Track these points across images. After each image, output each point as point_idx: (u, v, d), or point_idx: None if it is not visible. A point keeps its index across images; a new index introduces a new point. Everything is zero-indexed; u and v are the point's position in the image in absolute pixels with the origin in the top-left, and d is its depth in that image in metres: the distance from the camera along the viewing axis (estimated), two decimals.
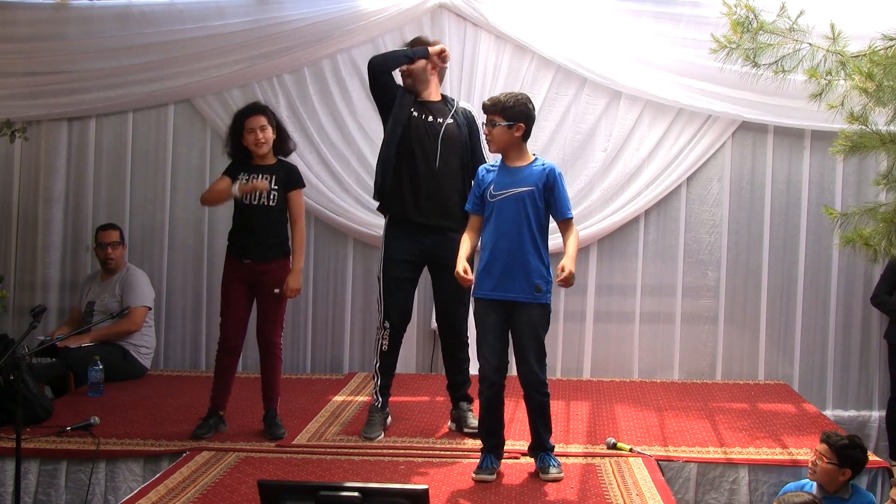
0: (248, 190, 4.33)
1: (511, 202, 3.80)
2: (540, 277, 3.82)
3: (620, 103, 5.80)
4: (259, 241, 4.38)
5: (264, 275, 4.38)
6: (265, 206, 4.36)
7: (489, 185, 3.86)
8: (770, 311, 5.86)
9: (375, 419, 4.48)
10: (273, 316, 4.43)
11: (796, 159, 5.82)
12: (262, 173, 4.37)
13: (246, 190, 4.33)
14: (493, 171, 3.91)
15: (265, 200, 4.36)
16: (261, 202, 4.36)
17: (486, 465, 3.87)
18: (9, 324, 5.96)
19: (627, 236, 5.90)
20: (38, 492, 4.21)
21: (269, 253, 4.39)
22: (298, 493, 2.62)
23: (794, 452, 4.28)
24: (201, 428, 4.41)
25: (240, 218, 4.45)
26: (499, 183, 3.84)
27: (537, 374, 3.84)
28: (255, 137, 4.33)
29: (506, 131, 3.82)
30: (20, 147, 6.01)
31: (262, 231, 4.39)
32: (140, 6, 5.85)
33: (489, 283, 3.84)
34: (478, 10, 5.70)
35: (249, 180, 4.34)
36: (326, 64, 5.90)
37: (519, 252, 3.79)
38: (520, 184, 3.82)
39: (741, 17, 4.34)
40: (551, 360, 3.98)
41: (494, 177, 3.87)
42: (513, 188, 3.82)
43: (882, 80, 4.03)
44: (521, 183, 3.82)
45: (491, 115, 3.83)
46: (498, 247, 3.82)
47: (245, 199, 4.37)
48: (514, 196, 3.81)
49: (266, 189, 4.35)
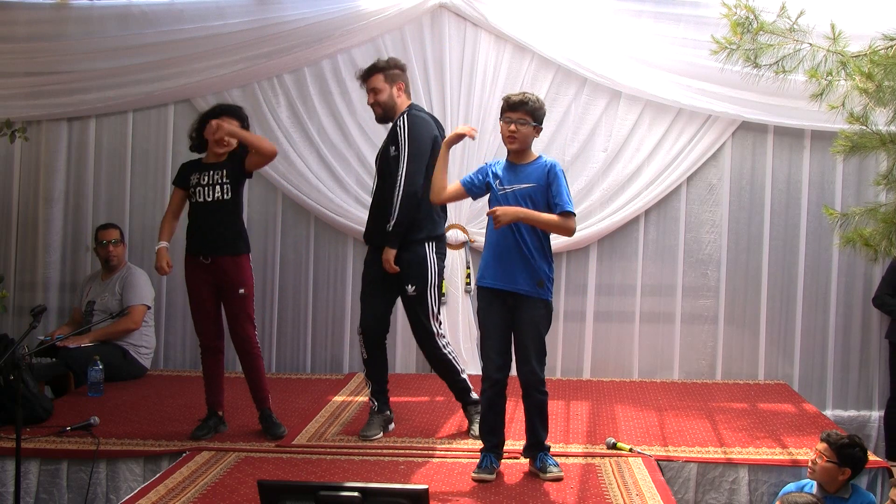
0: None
1: (514, 199, 3.83)
2: (542, 274, 3.84)
3: (620, 103, 5.81)
4: (217, 236, 4.35)
5: (229, 274, 4.36)
6: (219, 200, 4.34)
7: (494, 182, 3.88)
8: (770, 311, 5.86)
9: (374, 420, 4.49)
10: (242, 313, 4.40)
11: (796, 159, 5.82)
12: (212, 170, 4.36)
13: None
14: (499, 167, 3.93)
15: (219, 195, 4.34)
16: (215, 197, 4.34)
17: (486, 464, 3.88)
18: (9, 324, 5.97)
19: (627, 236, 5.90)
20: (40, 491, 4.21)
21: (227, 248, 4.36)
22: (298, 493, 2.62)
23: (794, 452, 4.28)
24: (200, 429, 4.41)
25: (194, 215, 4.42)
26: (504, 179, 3.88)
27: (537, 374, 3.85)
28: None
29: (531, 131, 3.87)
30: (20, 147, 6.01)
31: (217, 227, 4.35)
32: (140, 6, 5.85)
33: (494, 274, 3.86)
34: (478, 10, 5.70)
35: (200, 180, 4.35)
36: (326, 64, 5.91)
37: (522, 248, 3.81)
38: (524, 180, 3.85)
39: (741, 17, 4.33)
40: (551, 360, 3.99)
41: (500, 174, 3.90)
42: (518, 184, 3.85)
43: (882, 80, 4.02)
44: (525, 179, 3.85)
45: (522, 114, 3.84)
46: (503, 241, 3.84)
47: (197, 195, 4.36)
48: (520, 192, 3.83)
49: None
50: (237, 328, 4.42)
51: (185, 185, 4.42)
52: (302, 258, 6.09)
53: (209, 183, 4.35)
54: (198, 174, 4.39)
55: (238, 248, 4.40)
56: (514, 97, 3.88)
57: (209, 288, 4.40)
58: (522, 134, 3.84)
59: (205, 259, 4.37)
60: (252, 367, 4.45)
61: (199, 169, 4.41)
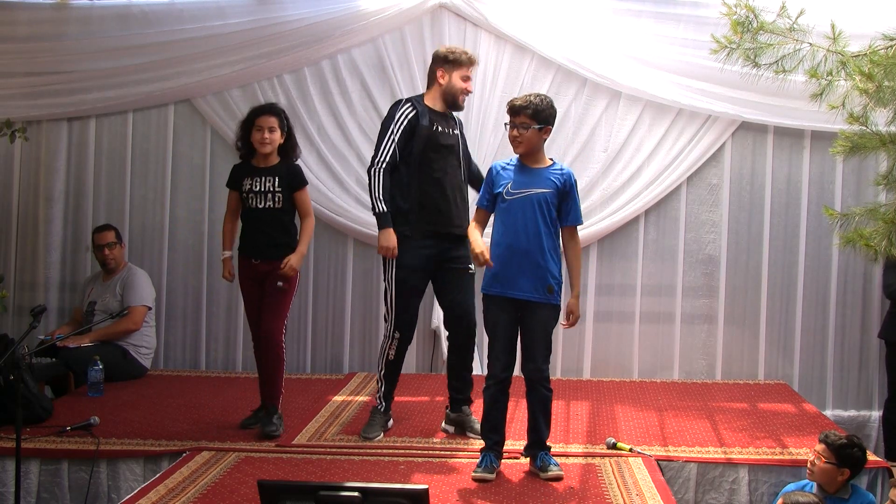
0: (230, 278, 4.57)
1: (528, 202, 3.82)
2: (552, 278, 3.84)
3: (620, 103, 5.81)
4: (268, 243, 4.43)
5: (271, 271, 4.41)
6: (271, 208, 4.40)
7: (505, 184, 3.87)
8: (770, 311, 5.86)
9: (376, 420, 4.48)
10: (275, 308, 4.41)
11: (796, 159, 5.82)
12: (265, 175, 4.41)
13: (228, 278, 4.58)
14: (509, 169, 3.91)
15: (270, 203, 4.39)
16: (266, 205, 4.39)
17: (486, 464, 3.87)
18: (9, 324, 5.96)
19: (627, 236, 5.90)
20: (41, 491, 4.21)
21: (279, 252, 4.41)
22: (298, 493, 2.62)
23: (794, 452, 4.28)
24: (250, 419, 4.51)
25: (249, 221, 4.49)
26: (517, 182, 3.86)
27: (543, 371, 3.86)
28: (262, 136, 4.37)
29: (536, 134, 3.84)
30: (20, 147, 6.01)
31: (271, 232, 4.43)
32: (140, 6, 5.84)
33: (503, 281, 3.84)
34: (478, 10, 5.70)
35: (252, 186, 4.40)
36: (326, 64, 5.90)
37: (534, 252, 3.80)
38: (538, 185, 3.84)
39: (741, 17, 4.33)
40: (551, 359, 3.98)
41: (512, 176, 3.88)
42: (531, 188, 3.83)
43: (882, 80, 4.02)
44: (539, 184, 3.84)
45: (523, 118, 3.82)
46: (513, 246, 3.82)
47: (250, 202, 4.42)
48: (533, 196, 3.82)
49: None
50: (266, 321, 4.41)
51: (238, 188, 4.47)
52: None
53: (261, 190, 4.39)
54: (250, 179, 4.43)
55: (287, 252, 4.42)
56: (516, 102, 3.87)
57: (256, 288, 4.47)
58: (527, 138, 3.83)
59: (255, 260, 4.44)
60: (271, 362, 4.43)
61: (252, 173, 4.44)
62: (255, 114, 4.44)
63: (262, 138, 4.37)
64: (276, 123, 4.40)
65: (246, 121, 4.47)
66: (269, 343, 4.42)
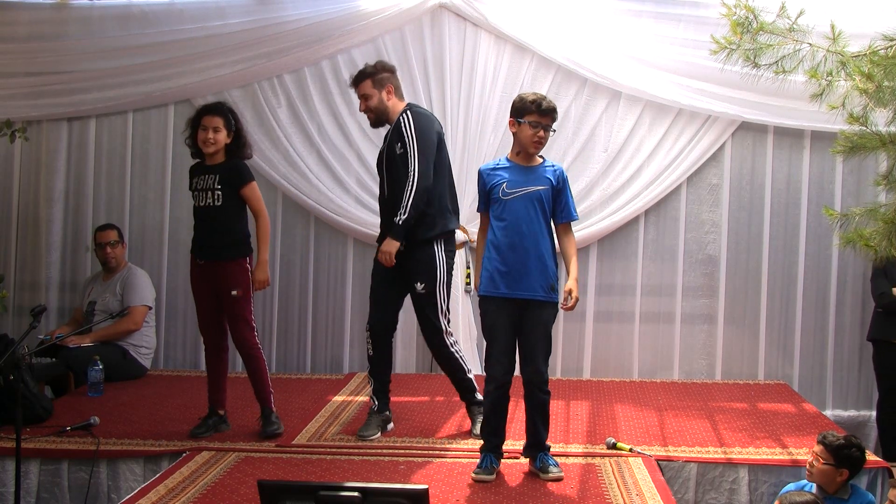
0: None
1: (526, 201, 3.83)
2: (553, 277, 3.85)
3: (620, 104, 5.81)
4: (211, 242, 4.39)
5: (221, 278, 4.37)
6: (211, 206, 4.37)
7: (500, 184, 3.87)
8: (770, 311, 5.86)
9: (372, 420, 4.49)
10: (239, 316, 4.39)
11: (796, 159, 5.82)
12: (208, 173, 4.40)
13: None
14: (501, 169, 3.92)
15: (210, 200, 4.37)
16: (206, 202, 4.37)
17: (486, 464, 3.87)
18: (9, 324, 5.97)
19: (627, 236, 5.90)
20: (41, 491, 4.21)
21: (222, 253, 4.37)
22: (298, 493, 2.62)
23: (794, 452, 4.28)
24: (199, 428, 4.43)
25: (195, 219, 4.48)
26: (512, 181, 3.86)
27: (542, 373, 3.86)
28: (205, 136, 4.37)
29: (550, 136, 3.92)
30: (20, 147, 6.02)
31: (212, 231, 4.39)
32: (140, 6, 5.86)
33: (504, 282, 3.83)
34: (478, 10, 5.71)
35: (197, 184, 4.41)
36: (326, 64, 5.91)
37: (536, 250, 3.81)
38: (535, 183, 3.85)
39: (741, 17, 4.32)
40: (551, 359, 3.98)
41: (506, 175, 3.88)
42: (527, 187, 3.84)
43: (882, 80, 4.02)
44: (535, 182, 3.85)
45: (550, 120, 3.86)
46: (514, 245, 3.82)
47: (195, 200, 4.41)
48: (530, 195, 3.83)
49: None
50: (234, 331, 4.43)
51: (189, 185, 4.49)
52: (302, 258, 6.09)
53: (203, 188, 4.39)
54: (196, 178, 4.44)
55: (230, 253, 4.38)
56: (545, 103, 3.86)
57: (208, 288, 4.42)
58: (546, 139, 3.88)
59: (199, 260, 4.42)
60: (253, 367, 4.45)
61: (199, 172, 4.46)
62: (201, 113, 4.43)
63: (206, 138, 4.36)
64: (222, 123, 4.37)
65: (193, 120, 4.47)
66: (245, 350, 4.42)
